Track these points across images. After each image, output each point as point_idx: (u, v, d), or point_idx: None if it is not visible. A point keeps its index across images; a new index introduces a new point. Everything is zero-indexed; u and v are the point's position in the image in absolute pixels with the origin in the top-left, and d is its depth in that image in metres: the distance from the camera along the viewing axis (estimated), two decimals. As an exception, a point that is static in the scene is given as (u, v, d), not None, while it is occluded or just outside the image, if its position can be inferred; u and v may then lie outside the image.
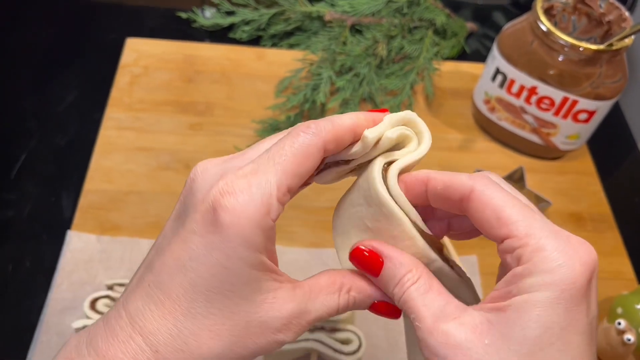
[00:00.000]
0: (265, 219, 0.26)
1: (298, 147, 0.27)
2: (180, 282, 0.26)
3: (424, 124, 0.31)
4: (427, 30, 0.79)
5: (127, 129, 0.68)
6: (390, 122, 0.30)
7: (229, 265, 0.26)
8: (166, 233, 0.28)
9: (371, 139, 0.29)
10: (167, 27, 0.81)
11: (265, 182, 0.27)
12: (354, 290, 0.30)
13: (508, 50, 0.65)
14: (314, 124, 0.28)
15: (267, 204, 0.26)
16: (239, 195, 0.26)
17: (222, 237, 0.26)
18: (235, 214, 0.26)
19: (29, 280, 0.57)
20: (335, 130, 0.28)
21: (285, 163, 0.27)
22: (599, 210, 0.68)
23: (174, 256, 0.27)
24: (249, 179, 0.27)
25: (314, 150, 0.28)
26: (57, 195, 0.63)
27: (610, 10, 0.61)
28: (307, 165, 0.28)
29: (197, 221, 0.26)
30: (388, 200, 0.29)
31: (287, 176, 0.27)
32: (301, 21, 0.80)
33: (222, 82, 0.74)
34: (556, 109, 0.64)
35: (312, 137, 0.28)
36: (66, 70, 0.75)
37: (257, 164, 0.27)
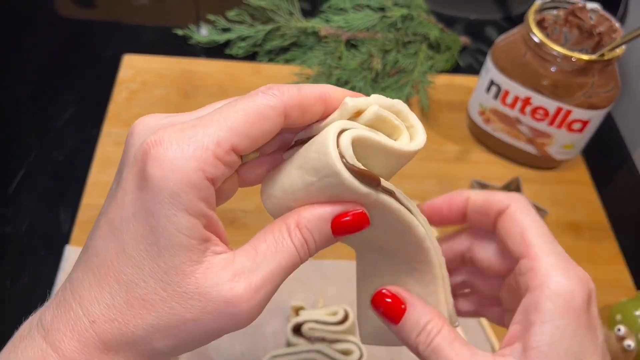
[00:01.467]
0: (197, 175, 0.24)
1: (253, 106, 0.25)
2: (113, 246, 0.25)
3: (415, 117, 0.28)
4: (421, 44, 0.80)
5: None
6: (377, 101, 0.27)
7: (155, 224, 0.24)
8: (110, 193, 0.26)
9: (351, 106, 0.26)
10: (163, 44, 0.82)
11: (203, 134, 0.24)
12: (303, 222, 0.26)
13: (502, 61, 0.66)
14: (277, 87, 0.26)
15: (202, 159, 0.24)
16: (168, 145, 0.24)
17: (149, 192, 0.24)
18: (162, 165, 0.23)
19: (27, 296, 0.56)
20: (301, 97, 0.26)
21: (234, 120, 0.24)
22: (595, 219, 0.68)
23: (107, 218, 0.25)
24: (185, 132, 0.24)
25: (272, 113, 0.25)
26: (55, 210, 0.63)
27: (600, 22, 0.63)
28: (261, 127, 0.25)
29: (128, 178, 0.25)
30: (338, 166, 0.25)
31: (233, 133, 0.24)
32: (297, 37, 0.81)
33: (220, 97, 0.75)
34: (550, 119, 0.65)
35: (272, 98, 0.25)
36: (64, 86, 0.75)
37: (201, 119, 0.25)
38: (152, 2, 0.90)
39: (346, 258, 0.60)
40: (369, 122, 0.26)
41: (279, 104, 0.25)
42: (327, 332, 0.52)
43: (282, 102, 0.25)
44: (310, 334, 0.52)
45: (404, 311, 0.29)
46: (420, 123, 0.28)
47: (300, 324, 0.52)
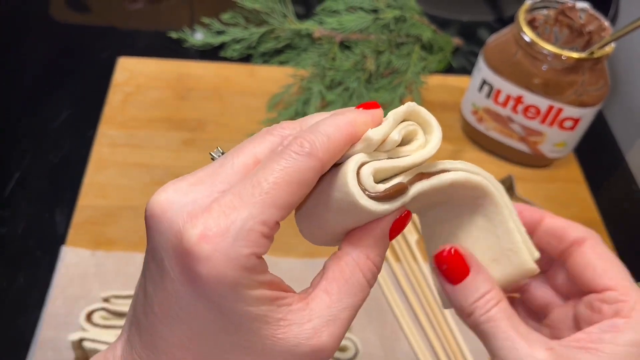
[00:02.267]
0: (251, 261, 0.23)
1: (291, 174, 0.23)
2: (180, 331, 0.24)
3: (428, 114, 0.28)
4: (414, 45, 0.81)
5: (121, 145, 0.69)
6: (395, 119, 0.27)
7: (223, 310, 0.23)
8: (147, 272, 0.25)
9: (376, 141, 0.26)
10: (158, 47, 0.82)
11: (247, 217, 0.23)
12: (370, 251, 0.26)
13: (493, 61, 0.67)
14: (307, 141, 0.24)
15: (251, 243, 0.23)
16: (216, 241, 0.22)
17: (205, 287, 0.23)
18: (214, 264, 0.22)
19: (24, 297, 0.56)
20: (333, 145, 0.24)
21: (275, 193, 0.23)
22: (588, 216, 0.69)
23: (162, 306, 0.24)
24: (227, 217, 0.23)
25: (311, 176, 0.24)
26: (51, 212, 0.63)
27: (590, 21, 0.63)
28: (301, 193, 0.24)
29: (176, 271, 0.23)
30: (356, 195, 0.25)
31: (276, 209, 0.23)
32: (291, 39, 0.81)
33: (214, 99, 0.75)
34: (542, 117, 0.66)
35: (308, 159, 0.24)
36: (59, 89, 0.76)
37: (238, 195, 0.23)
38: (147, 6, 0.90)
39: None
40: (391, 145, 0.27)
41: (317, 165, 0.24)
42: None
43: (319, 160, 0.24)
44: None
45: (467, 274, 0.29)
46: (435, 120, 0.28)
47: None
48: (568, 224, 0.32)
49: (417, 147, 0.27)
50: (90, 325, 0.49)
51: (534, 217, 0.32)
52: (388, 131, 0.26)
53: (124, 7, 0.90)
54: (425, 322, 0.57)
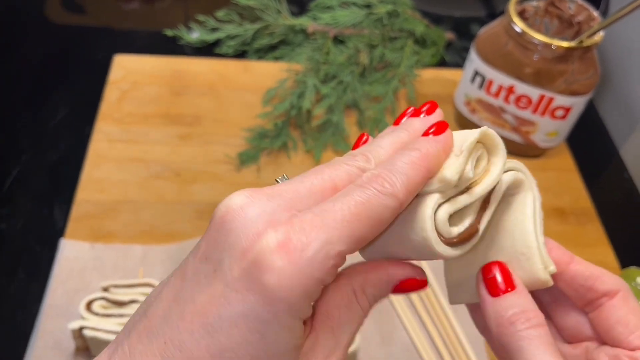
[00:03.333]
0: (318, 287, 0.22)
1: (372, 209, 0.23)
2: (208, 345, 0.22)
3: (497, 136, 0.26)
4: (407, 39, 0.82)
5: (118, 141, 0.69)
6: (469, 151, 0.25)
7: (266, 331, 0.22)
8: (187, 275, 0.23)
9: (454, 182, 0.25)
10: (154, 45, 0.83)
11: (327, 242, 0.22)
12: (368, 287, 0.26)
13: (485, 52, 0.68)
14: (388, 182, 0.23)
15: (323, 270, 0.22)
16: (293, 255, 0.21)
17: (264, 299, 0.21)
18: (285, 276, 0.21)
19: (23, 291, 0.57)
20: (412, 186, 0.24)
21: (355, 224, 0.23)
22: (580, 205, 0.70)
23: (198, 311, 0.22)
24: (308, 234, 0.22)
25: (389, 215, 0.23)
26: (50, 208, 0.64)
27: (579, 11, 0.64)
28: (377, 230, 0.24)
29: (235, 274, 0.22)
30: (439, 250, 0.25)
31: (352, 241, 0.23)
32: (285, 35, 0.82)
33: (210, 95, 0.76)
34: (534, 107, 0.67)
35: (389, 199, 0.23)
36: (57, 89, 0.76)
37: (320, 217, 0.22)
38: (142, 6, 0.91)
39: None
40: (464, 181, 0.26)
41: (397, 205, 0.24)
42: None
43: (399, 201, 0.24)
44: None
45: (514, 289, 0.28)
46: (501, 142, 0.27)
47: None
48: (599, 272, 0.29)
49: (481, 170, 0.26)
50: (90, 314, 0.50)
51: (562, 260, 0.29)
52: (463, 168, 0.25)
53: (119, 7, 0.90)
54: (423, 312, 0.58)
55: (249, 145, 0.70)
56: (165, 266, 0.58)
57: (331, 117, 0.72)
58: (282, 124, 0.71)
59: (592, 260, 0.67)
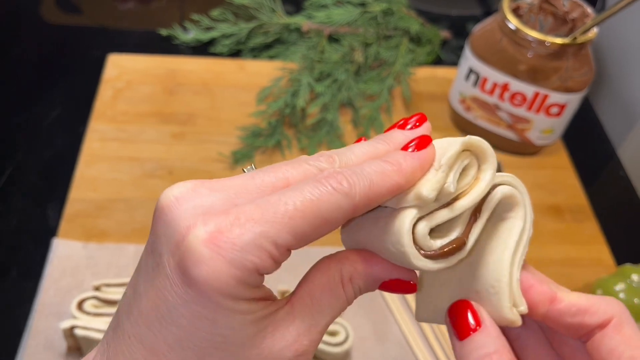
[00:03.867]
0: (251, 275, 0.22)
1: (321, 206, 0.22)
2: (164, 337, 0.22)
3: (483, 142, 0.25)
4: (402, 38, 0.82)
5: (111, 140, 0.69)
6: (448, 166, 0.24)
7: (214, 316, 0.22)
8: (140, 268, 0.24)
9: (430, 200, 0.24)
10: (149, 45, 0.83)
11: (262, 233, 0.21)
12: (357, 278, 0.25)
13: (479, 49, 0.67)
14: (347, 180, 0.22)
15: (257, 261, 0.21)
16: (222, 245, 0.21)
17: (197, 291, 0.21)
18: (212, 268, 0.21)
19: (16, 289, 0.57)
20: (374, 193, 0.23)
21: (298, 220, 0.22)
22: (576, 202, 0.69)
23: (150, 304, 0.23)
24: (242, 226, 0.21)
25: (339, 216, 0.22)
26: (43, 206, 0.63)
27: (573, 8, 0.64)
28: (323, 230, 0.23)
29: (172, 267, 0.22)
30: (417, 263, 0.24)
31: (293, 237, 0.22)
32: (280, 33, 0.82)
33: (204, 94, 0.76)
34: (529, 104, 0.66)
35: (343, 198, 0.22)
36: (51, 88, 0.76)
37: (259, 208, 0.22)
38: (138, 6, 0.91)
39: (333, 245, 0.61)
40: (446, 195, 0.25)
41: (350, 207, 0.22)
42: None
43: (354, 204, 0.22)
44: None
45: (480, 326, 0.26)
46: (488, 146, 0.25)
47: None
48: (587, 303, 0.26)
49: (470, 180, 0.25)
50: (82, 313, 0.49)
51: (543, 299, 0.27)
52: (442, 183, 0.24)
53: (115, 7, 0.90)
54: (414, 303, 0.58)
55: (243, 144, 0.69)
56: (158, 265, 0.58)
57: (326, 115, 0.72)
58: (276, 122, 0.71)
59: (588, 258, 0.67)
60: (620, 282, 0.55)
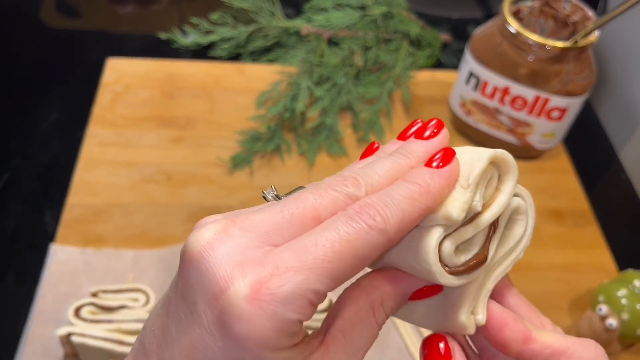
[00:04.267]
0: (294, 326, 0.21)
1: (357, 247, 0.21)
2: None
3: (507, 154, 0.25)
4: (402, 41, 0.81)
5: (110, 144, 0.69)
6: (476, 184, 0.24)
7: None
8: (170, 310, 0.23)
9: (460, 220, 0.23)
10: (148, 48, 0.82)
11: (303, 283, 0.21)
12: (387, 300, 0.25)
13: (480, 53, 0.67)
14: (380, 215, 0.22)
15: (300, 311, 0.21)
16: (264, 300, 0.20)
17: (238, 345, 0.21)
18: (255, 323, 0.20)
19: (13, 295, 0.56)
20: (406, 223, 0.22)
21: (336, 264, 0.21)
22: (578, 206, 0.69)
23: (185, 352, 0.22)
24: (281, 276, 0.21)
25: (375, 253, 0.22)
26: (41, 211, 0.63)
27: (574, 11, 0.64)
28: (360, 268, 0.22)
29: (209, 319, 0.21)
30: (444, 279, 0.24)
31: (332, 280, 0.21)
32: (279, 37, 0.82)
33: (203, 97, 0.75)
34: (529, 108, 0.66)
35: (378, 235, 0.22)
36: (49, 92, 0.76)
37: (296, 255, 0.21)
38: (137, 9, 0.91)
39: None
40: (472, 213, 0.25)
41: (386, 243, 0.22)
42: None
43: (389, 239, 0.22)
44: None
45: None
46: (511, 158, 0.25)
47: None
48: (563, 346, 0.26)
49: (492, 191, 0.25)
50: (78, 320, 0.49)
51: (517, 338, 0.26)
52: (470, 203, 0.24)
53: (114, 11, 0.90)
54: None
55: (242, 148, 0.69)
56: (156, 270, 0.57)
57: (325, 119, 0.71)
58: (275, 126, 0.70)
59: (589, 263, 0.66)
60: (623, 287, 0.54)
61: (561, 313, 0.59)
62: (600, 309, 0.53)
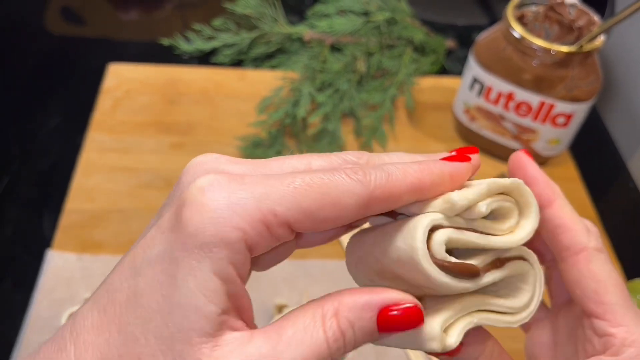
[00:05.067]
0: (236, 234, 0.20)
1: (331, 187, 0.21)
2: (128, 287, 0.21)
3: (531, 195, 0.24)
4: (406, 47, 0.80)
5: (109, 150, 0.68)
6: (489, 188, 0.23)
7: (177, 273, 0.20)
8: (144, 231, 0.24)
9: (460, 206, 0.22)
10: (150, 54, 0.82)
11: (261, 195, 0.20)
12: (343, 311, 0.22)
13: (483, 58, 0.66)
14: (362, 171, 0.21)
15: (247, 219, 0.20)
16: (216, 193, 0.20)
17: (180, 235, 0.21)
18: (202, 211, 0.20)
19: (9, 301, 0.56)
20: (390, 187, 0.22)
21: (304, 193, 0.21)
22: (585, 215, 0.67)
23: (132, 254, 0.22)
24: (243, 185, 0.21)
25: (350, 202, 0.21)
26: (39, 217, 0.62)
27: (580, 16, 0.63)
28: (333, 213, 0.21)
29: (165, 216, 0.22)
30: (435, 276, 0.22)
31: (295, 210, 0.21)
32: (282, 43, 0.81)
33: (204, 103, 0.75)
34: (534, 114, 0.65)
35: (355, 185, 0.21)
36: (50, 97, 0.76)
37: (267, 177, 0.21)
38: (141, 16, 0.91)
39: (333, 258, 0.59)
40: (475, 216, 0.24)
41: (362, 194, 0.21)
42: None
43: (367, 192, 0.21)
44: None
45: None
46: (535, 202, 0.24)
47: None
48: (572, 223, 0.27)
49: (507, 227, 0.24)
50: (72, 327, 0.48)
51: (543, 197, 0.27)
52: (476, 199, 0.23)
53: (118, 18, 0.90)
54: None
55: (243, 154, 0.68)
56: (153, 277, 0.56)
57: (327, 125, 0.71)
58: (276, 132, 0.69)
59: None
60: (632, 297, 0.53)
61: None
62: (607, 319, 0.51)
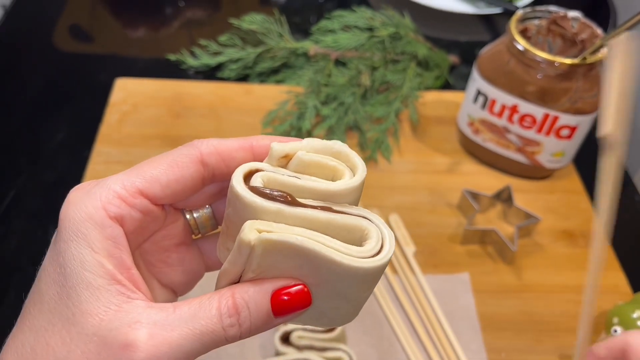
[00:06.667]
0: (99, 213, 0.25)
1: (167, 155, 0.27)
2: (32, 293, 0.26)
3: (356, 156, 0.26)
4: (410, 62, 0.81)
5: (116, 162, 0.69)
6: (309, 144, 0.26)
7: (63, 262, 0.24)
8: None
9: (277, 151, 0.25)
10: (156, 70, 0.83)
11: (111, 180, 0.26)
12: (240, 292, 0.24)
13: (487, 71, 0.66)
14: (197, 140, 0.27)
15: (104, 198, 0.25)
16: (77, 191, 0.26)
17: (59, 233, 0.25)
18: (69, 206, 0.25)
19: (14, 312, 0.55)
20: (221, 145, 0.27)
21: (144, 167, 0.26)
22: (590, 227, 0.67)
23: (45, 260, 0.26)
24: (98, 180, 0.26)
25: (186, 160, 0.26)
26: (44, 229, 0.63)
27: (582, 29, 0.63)
28: (175, 173, 0.26)
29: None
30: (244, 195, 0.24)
31: (140, 178, 0.26)
32: (287, 58, 0.82)
33: (210, 117, 0.76)
34: (538, 127, 0.65)
35: (189, 147, 0.27)
36: (57, 111, 0.76)
37: (123, 171, 0.27)
38: (148, 33, 0.92)
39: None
40: (297, 167, 0.25)
41: (194, 152, 0.26)
42: (316, 340, 0.51)
43: (199, 150, 0.27)
44: (298, 343, 0.50)
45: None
46: (361, 161, 0.26)
47: (288, 332, 0.51)
48: None
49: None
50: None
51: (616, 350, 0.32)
52: (295, 148, 0.25)
53: (126, 35, 0.91)
54: (424, 335, 0.56)
55: (248, 167, 0.68)
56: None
57: (332, 138, 0.71)
58: (281, 145, 0.70)
59: (604, 285, 0.64)
60: (638, 309, 0.53)
61: (575, 335, 0.57)
62: (615, 330, 0.51)
